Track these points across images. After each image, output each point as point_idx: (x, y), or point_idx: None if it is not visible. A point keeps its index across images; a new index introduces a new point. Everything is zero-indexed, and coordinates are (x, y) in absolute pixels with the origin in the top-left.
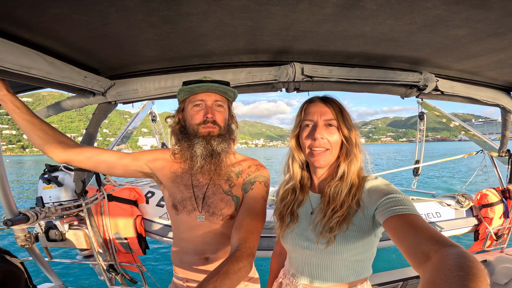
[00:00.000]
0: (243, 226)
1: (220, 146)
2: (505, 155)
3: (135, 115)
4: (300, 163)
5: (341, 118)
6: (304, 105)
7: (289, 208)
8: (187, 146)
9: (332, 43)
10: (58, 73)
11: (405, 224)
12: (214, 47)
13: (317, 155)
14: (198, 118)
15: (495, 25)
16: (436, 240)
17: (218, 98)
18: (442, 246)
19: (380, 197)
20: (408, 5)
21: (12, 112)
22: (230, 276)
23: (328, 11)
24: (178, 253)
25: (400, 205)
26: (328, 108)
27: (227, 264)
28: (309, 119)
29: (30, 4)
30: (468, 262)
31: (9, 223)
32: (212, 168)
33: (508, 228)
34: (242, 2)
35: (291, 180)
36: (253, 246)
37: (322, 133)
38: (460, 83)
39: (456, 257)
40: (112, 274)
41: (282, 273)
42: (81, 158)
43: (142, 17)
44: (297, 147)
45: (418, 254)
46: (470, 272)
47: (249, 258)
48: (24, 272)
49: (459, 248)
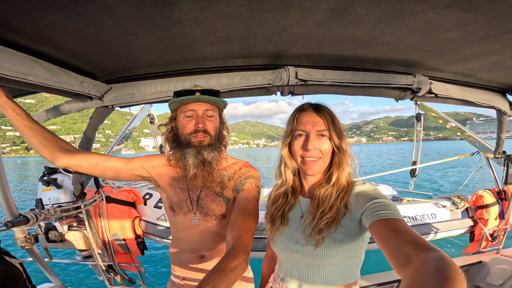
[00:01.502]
0: (237, 225)
1: (211, 155)
2: (501, 156)
3: (134, 116)
4: (293, 169)
5: (333, 127)
6: (296, 114)
7: (280, 211)
8: (180, 156)
9: (325, 47)
10: (55, 79)
11: (388, 228)
12: (208, 52)
13: (309, 163)
14: (189, 127)
15: (486, 28)
16: (417, 244)
17: (208, 107)
18: (423, 250)
19: (367, 201)
20: (398, 9)
21: (13, 118)
22: (227, 273)
23: (319, 16)
24: (176, 252)
25: (384, 210)
26: (321, 118)
27: (223, 262)
28: (301, 130)
29: (25, 12)
30: (446, 266)
31: (9, 225)
32: (205, 174)
33: (503, 229)
34: (233, 9)
35: (283, 185)
36: (247, 243)
37: (314, 144)
38: (454, 85)
39: (435, 260)
40: (111, 274)
41: (272, 278)
42: (87, 165)
43: (135, 24)
44: (289, 155)
45: (400, 258)
46: (448, 275)
47: (244, 255)
48: (23, 273)
49: (438, 252)
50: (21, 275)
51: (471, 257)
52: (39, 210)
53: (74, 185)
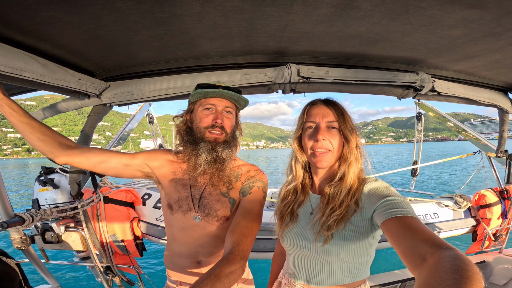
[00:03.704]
0: (238, 229)
1: (225, 152)
2: (503, 155)
3: (132, 117)
4: (303, 164)
5: (343, 120)
6: (307, 107)
7: (290, 208)
8: (192, 149)
9: (328, 44)
10: (51, 76)
11: (402, 226)
12: (209, 49)
13: (319, 155)
14: (207, 121)
15: (490, 25)
16: (432, 242)
17: (229, 104)
18: (438, 248)
19: (379, 199)
20: (402, 5)
21: (10, 115)
22: (221, 279)
23: (323, 11)
24: (171, 256)
25: (398, 208)
26: (330, 110)
27: (219, 267)
28: (311, 121)
29: (22, 7)
30: (463, 265)
31: (4, 225)
32: (213, 172)
33: (506, 228)
34: (235, 3)
35: (293, 181)
36: (246, 249)
37: (324, 134)
38: (457, 83)
39: (452, 259)
40: (109, 276)
41: (281, 273)
42: (89, 162)
43: (135, 19)
44: (299, 149)
45: (414, 256)
46: (465, 275)
47: (241, 262)
48: (19, 273)
49: (454, 251)
50: (16, 275)
51: (474, 257)
52: (35, 211)
53: (71, 185)
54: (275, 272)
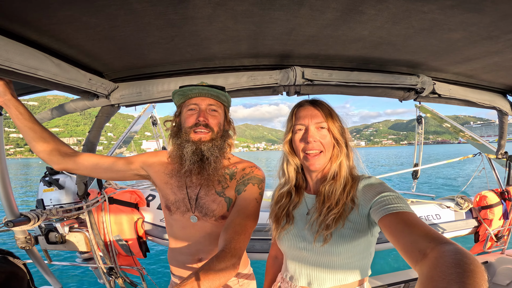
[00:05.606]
0: (231, 227)
1: (211, 151)
2: (503, 157)
3: (136, 119)
4: (295, 166)
5: (331, 120)
6: (294, 110)
7: (285, 210)
8: (177, 148)
9: (332, 47)
10: (64, 75)
11: (400, 222)
12: (217, 51)
13: (312, 158)
14: (190, 121)
15: (489, 28)
16: (431, 237)
17: (212, 102)
18: (438, 243)
19: (374, 195)
20: (405, 10)
21: (15, 117)
22: (209, 276)
23: (329, 15)
24: (173, 253)
25: (393, 203)
26: (318, 111)
27: (208, 264)
28: (300, 124)
29: (41, 7)
30: (465, 259)
31: (10, 225)
32: (204, 172)
33: (508, 229)
34: (246, 7)
35: (286, 184)
36: (239, 247)
37: (314, 136)
38: (457, 86)
39: (453, 253)
40: (112, 277)
41: (280, 277)
42: (85, 168)
43: (149, 20)
44: (291, 152)
45: (414, 252)
46: (468, 268)
47: (233, 259)
48: (27, 274)
49: (455, 245)
50: (24, 276)
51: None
52: (41, 210)
53: (78, 185)
54: (270, 275)
